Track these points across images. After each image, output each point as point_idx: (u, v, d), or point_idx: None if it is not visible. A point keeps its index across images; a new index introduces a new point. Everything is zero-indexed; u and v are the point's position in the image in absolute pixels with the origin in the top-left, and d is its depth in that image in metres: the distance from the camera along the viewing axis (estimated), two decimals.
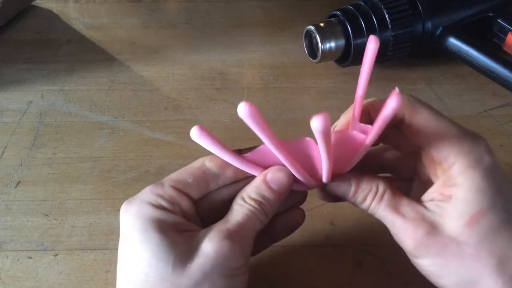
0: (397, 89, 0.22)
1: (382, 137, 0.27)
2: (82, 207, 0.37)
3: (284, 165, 0.26)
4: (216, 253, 0.23)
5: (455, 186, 0.24)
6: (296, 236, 0.34)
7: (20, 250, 0.34)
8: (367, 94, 0.26)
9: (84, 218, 0.36)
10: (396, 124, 0.26)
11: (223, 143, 0.25)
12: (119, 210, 0.36)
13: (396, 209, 0.25)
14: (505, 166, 0.40)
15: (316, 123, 0.20)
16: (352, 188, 0.27)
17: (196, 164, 0.27)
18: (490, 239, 0.23)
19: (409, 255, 0.26)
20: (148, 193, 0.26)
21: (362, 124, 0.25)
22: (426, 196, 0.26)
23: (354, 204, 0.27)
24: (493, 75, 0.44)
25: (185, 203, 0.26)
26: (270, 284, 0.31)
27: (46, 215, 0.36)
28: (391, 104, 0.22)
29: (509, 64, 0.43)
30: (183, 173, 0.27)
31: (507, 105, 0.46)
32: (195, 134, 0.24)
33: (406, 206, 0.25)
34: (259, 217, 0.26)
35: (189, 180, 0.26)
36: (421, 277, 0.26)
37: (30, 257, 0.33)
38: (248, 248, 0.25)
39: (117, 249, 0.33)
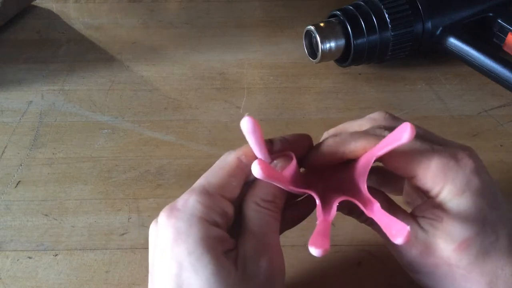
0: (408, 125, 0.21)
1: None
2: (82, 207, 0.37)
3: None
4: (267, 280, 0.23)
5: (444, 211, 0.24)
6: (296, 236, 0.34)
7: (20, 250, 0.34)
8: (366, 95, 0.26)
9: (84, 218, 0.36)
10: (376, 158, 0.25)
11: (264, 140, 0.24)
12: (119, 210, 0.36)
13: None
14: (505, 166, 0.40)
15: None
16: (348, 207, 0.26)
17: (232, 162, 0.25)
18: (480, 261, 0.23)
19: (404, 268, 0.26)
20: (197, 205, 0.23)
21: (368, 194, 0.24)
22: (418, 211, 0.25)
23: (351, 216, 0.27)
24: (493, 75, 0.44)
25: (230, 211, 0.24)
26: None
27: (46, 215, 0.36)
28: (401, 138, 0.21)
29: (509, 64, 0.43)
30: (224, 176, 0.25)
31: (507, 105, 0.46)
32: (247, 128, 0.22)
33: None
34: (277, 217, 0.25)
35: (234, 183, 0.25)
36: None
37: (30, 257, 0.33)
38: (281, 253, 0.25)
39: (117, 248, 0.34)
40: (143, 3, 0.64)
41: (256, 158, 0.25)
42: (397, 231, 0.21)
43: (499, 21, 0.46)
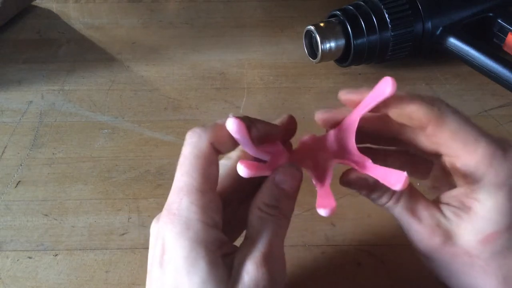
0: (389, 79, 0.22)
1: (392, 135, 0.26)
2: (82, 207, 0.37)
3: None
4: (254, 282, 0.22)
5: (476, 201, 0.23)
6: (296, 236, 0.34)
7: (20, 250, 0.34)
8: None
9: (84, 218, 0.36)
10: (414, 131, 0.25)
11: (251, 139, 0.24)
12: (119, 210, 0.36)
13: (412, 212, 0.25)
14: None
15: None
16: (370, 183, 0.25)
17: (207, 149, 0.24)
18: (502, 256, 0.23)
19: (419, 255, 0.26)
20: (191, 207, 0.22)
21: (358, 152, 0.25)
22: (444, 198, 0.25)
23: (370, 199, 0.26)
24: (493, 75, 0.44)
25: (220, 203, 0.24)
26: None
27: (46, 215, 0.36)
28: (384, 92, 0.22)
29: (509, 64, 0.43)
30: (204, 167, 0.23)
31: (507, 105, 0.46)
32: (233, 129, 0.23)
33: (423, 210, 0.25)
34: (282, 224, 0.24)
35: (214, 171, 0.24)
36: (421, 277, 0.26)
37: (30, 257, 0.33)
38: (284, 264, 0.24)
39: (117, 248, 0.34)
40: (143, 3, 0.64)
41: (230, 141, 0.24)
42: (395, 179, 0.22)
43: (499, 21, 0.46)
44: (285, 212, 0.25)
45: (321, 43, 0.45)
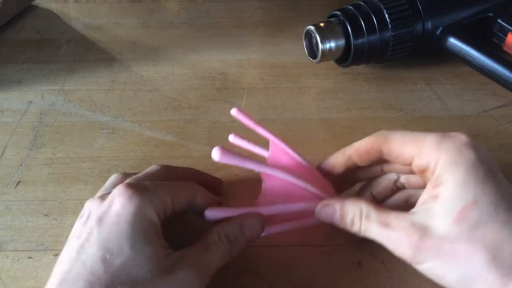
0: None
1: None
2: (82, 207, 0.37)
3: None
4: (183, 280, 0.25)
5: (441, 185, 0.25)
6: (296, 236, 0.34)
7: (20, 250, 0.34)
8: (366, 95, 0.26)
9: None
10: (380, 158, 0.29)
11: (245, 156, 0.28)
12: None
13: (386, 224, 0.26)
14: (505, 166, 0.39)
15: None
16: (338, 213, 0.28)
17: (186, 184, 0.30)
18: (480, 233, 0.24)
19: (410, 263, 0.26)
20: (161, 196, 0.27)
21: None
22: (417, 203, 0.26)
23: (345, 229, 0.28)
24: (493, 75, 0.44)
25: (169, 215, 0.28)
26: (270, 284, 0.31)
27: (46, 215, 0.36)
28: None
29: (509, 64, 0.43)
30: (182, 189, 0.30)
31: (507, 105, 0.46)
32: (217, 155, 0.27)
33: (395, 219, 0.26)
34: (227, 257, 0.28)
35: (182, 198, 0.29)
36: (421, 277, 0.26)
37: (30, 257, 0.33)
38: (207, 282, 0.27)
39: None
40: (143, 3, 0.64)
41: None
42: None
43: (499, 21, 0.46)
44: (234, 250, 0.28)
45: (321, 43, 0.45)
